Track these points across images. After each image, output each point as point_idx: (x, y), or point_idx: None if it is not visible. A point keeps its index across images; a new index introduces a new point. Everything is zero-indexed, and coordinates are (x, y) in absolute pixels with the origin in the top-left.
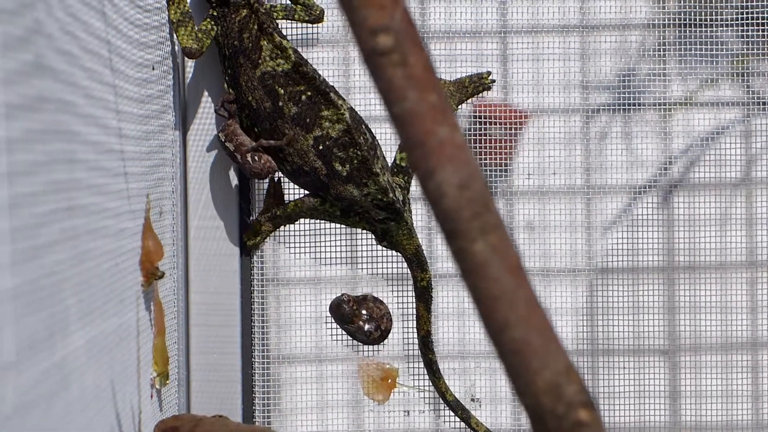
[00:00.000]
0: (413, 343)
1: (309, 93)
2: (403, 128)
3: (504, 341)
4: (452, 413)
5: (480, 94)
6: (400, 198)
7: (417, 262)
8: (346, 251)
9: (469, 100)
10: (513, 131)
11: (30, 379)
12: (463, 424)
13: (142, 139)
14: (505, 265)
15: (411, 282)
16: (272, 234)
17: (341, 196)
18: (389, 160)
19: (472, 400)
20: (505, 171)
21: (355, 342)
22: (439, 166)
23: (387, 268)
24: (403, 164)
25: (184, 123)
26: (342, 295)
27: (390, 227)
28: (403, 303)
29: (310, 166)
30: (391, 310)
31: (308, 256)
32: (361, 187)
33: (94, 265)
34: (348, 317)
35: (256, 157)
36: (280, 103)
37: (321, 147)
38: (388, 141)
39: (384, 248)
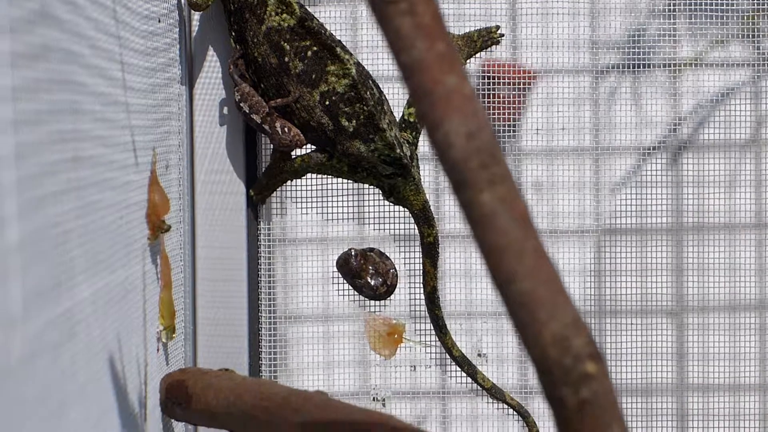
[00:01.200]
0: (420, 302)
1: (315, 48)
2: (410, 77)
3: (511, 293)
4: (459, 369)
5: (488, 49)
6: (408, 153)
7: (424, 218)
8: (353, 209)
9: (478, 56)
10: (521, 90)
11: (36, 329)
12: (469, 380)
13: (148, 92)
14: (512, 216)
15: (418, 240)
16: (279, 189)
17: (348, 152)
18: (397, 116)
19: (479, 355)
20: (513, 130)
21: (361, 299)
22: (446, 116)
23: (394, 226)
24: (412, 119)
25: (190, 77)
26: (349, 249)
27: (397, 182)
28: (410, 261)
29: (317, 121)
30: (397, 268)
31: (315, 212)
32: (367, 142)
33: (99, 216)
34: (355, 271)
35: (286, 129)
36: (286, 59)
37: (327, 102)
38: (396, 96)
39: (391, 204)
